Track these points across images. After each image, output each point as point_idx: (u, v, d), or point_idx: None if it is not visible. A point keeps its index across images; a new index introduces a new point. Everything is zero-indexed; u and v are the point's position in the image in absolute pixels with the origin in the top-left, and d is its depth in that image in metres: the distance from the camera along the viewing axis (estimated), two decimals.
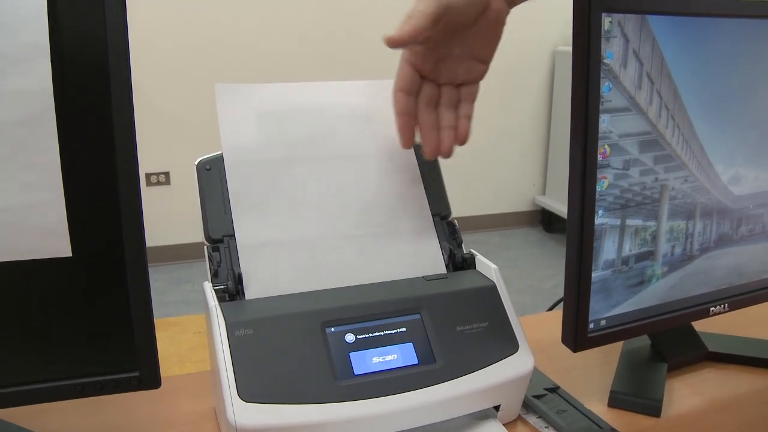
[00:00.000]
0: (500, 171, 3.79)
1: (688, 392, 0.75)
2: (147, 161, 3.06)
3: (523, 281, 2.87)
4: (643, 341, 0.81)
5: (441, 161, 0.78)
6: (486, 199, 3.78)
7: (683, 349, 0.80)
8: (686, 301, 0.75)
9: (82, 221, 0.54)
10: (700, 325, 0.82)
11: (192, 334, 2.33)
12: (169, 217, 3.06)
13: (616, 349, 0.81)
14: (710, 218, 0.74)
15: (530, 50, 3.56)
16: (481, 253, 0.72)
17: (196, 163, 0.69)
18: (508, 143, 3.75)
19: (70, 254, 0.54)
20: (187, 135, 3.05)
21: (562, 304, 0.68)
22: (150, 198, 3.10)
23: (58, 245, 0.53)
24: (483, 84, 0.69)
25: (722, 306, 0.77)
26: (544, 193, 3.90)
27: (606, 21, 0.61)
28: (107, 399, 0.61)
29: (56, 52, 0.50)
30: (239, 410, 0.55)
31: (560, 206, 3.67)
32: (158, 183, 3.14)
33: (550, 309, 0.97)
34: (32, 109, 0.51)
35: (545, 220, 3.87)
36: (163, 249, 3.12)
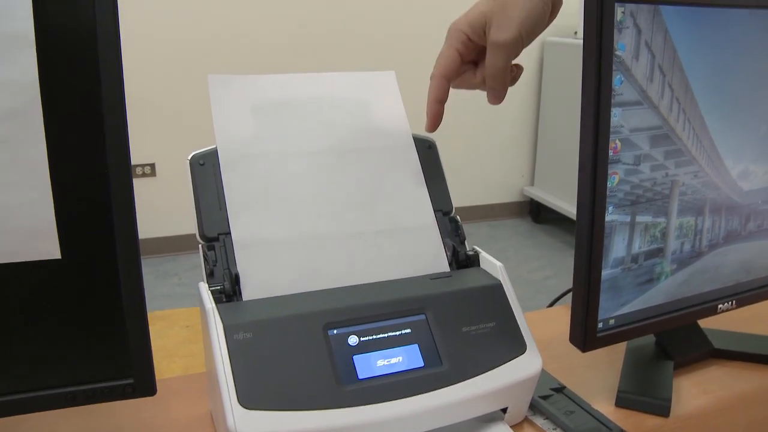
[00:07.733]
0: (488, 162, 3.78)
1: (695, 391, 0.74)
2: (132, 153, 3.00)
3: (513, 272, 2.85)
4: (648, 338, 0.79)
5: None
6: (474, 190, 3.77)
7: (689, 346, 0.79)
8: (694, 298, 0.73)
9: (72, 221, 0.51)
10: (704, 322, 0.81)
11: (180, 328, 2.29)
12: (155, 209, 3.01)
13: (620, 346, 0.79)
14: (719, 214, 0.73)
15: None
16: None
17: (189, 157, 0.66)
18: (497, 134, 3.73)
19: (59, 256, 0.51)
20: (173, 126, 3.00)
21: (563, 299, 0.66)
22: (135, 190, 3.04)
23: (47, 247, 0.50)
24: None
25: (730, 303, 0.75)
26: (532, 184, 3.89)
27: (618, 11, 0.59)
28: (97, 404, 0.58)
29: (42, 41, 0.47)
30: (240, 418, 0.52)
31: (549, 197, 3.66)
32: (144, 175, 3.09)
33: (551, 305, 0.95)
34: (17, 102, 0.48)
35: (534, 210, 3.87)
36: (148, 242, 3.08)
